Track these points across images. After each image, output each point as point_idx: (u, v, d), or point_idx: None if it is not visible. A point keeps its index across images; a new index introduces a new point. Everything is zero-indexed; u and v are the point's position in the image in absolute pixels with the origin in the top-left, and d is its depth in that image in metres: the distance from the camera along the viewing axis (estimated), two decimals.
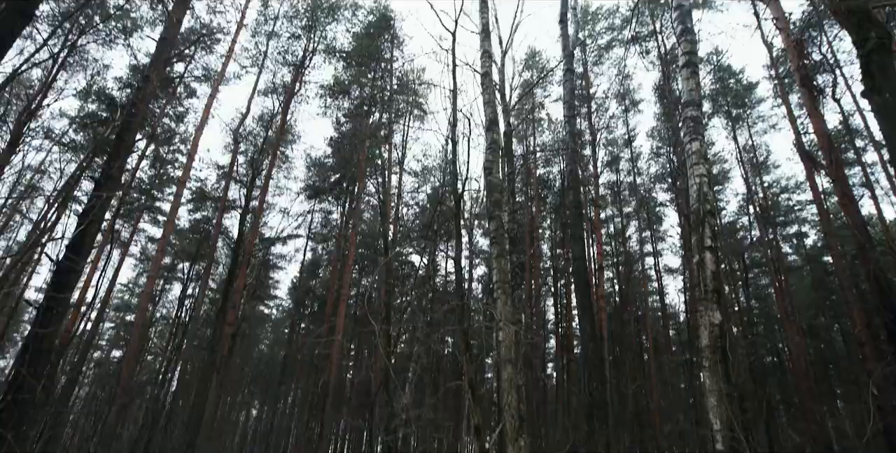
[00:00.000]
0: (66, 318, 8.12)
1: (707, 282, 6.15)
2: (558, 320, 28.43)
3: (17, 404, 5.02)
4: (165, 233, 17.39)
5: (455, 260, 7.21)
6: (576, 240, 9.52)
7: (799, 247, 30.56)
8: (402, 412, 7.95)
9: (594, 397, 8.23)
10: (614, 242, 30.23)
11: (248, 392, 36.32)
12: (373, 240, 27.83)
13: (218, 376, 17.17)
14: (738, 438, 5.07)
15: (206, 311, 26.40)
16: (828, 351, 29.49)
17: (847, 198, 10.94)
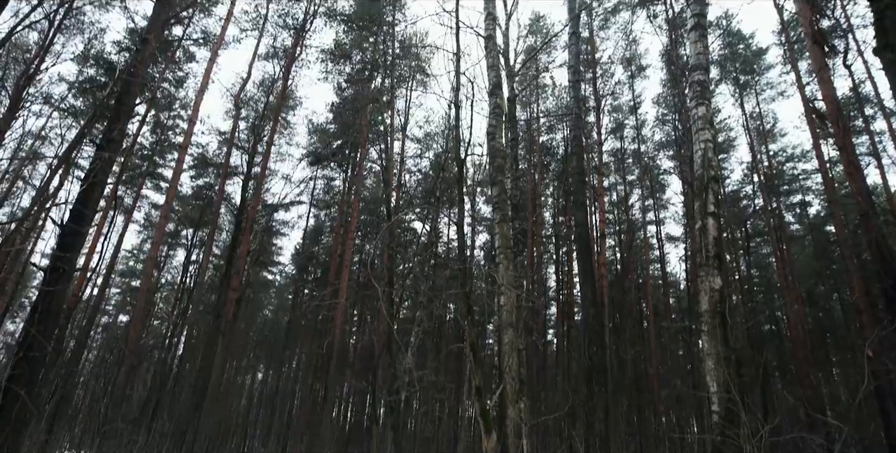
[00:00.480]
0: (72, 280, 8.21)
1: (709, 248, 6.18)
2: (559, 287, 28.66)
3: (29, 362, 5.13)
4: (168, 199, 17.40)
5: (458, 225, 7.22)
6: (578, 207, 9.51)
7: (802, 216, 30.50)
8: (405, 374, 8.10)
9: (594, 361, 8.37)
10: (617, 210, 30.19)
11: (253, 356, 36.93)
12: (375, 206, 27.84)
13: (223, 340, 17.47)
14: (734, 400, 5.17)
15: (210, 277, 26.65)
16: (826, 319, 29.75)
17: (853, 166, 10.86)
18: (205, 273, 22.81)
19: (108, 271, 22.88)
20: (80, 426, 20.45)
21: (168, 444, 16.19)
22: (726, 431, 5.20)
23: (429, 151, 28.03)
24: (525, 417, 8.15)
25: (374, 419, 15.02)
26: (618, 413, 17.78)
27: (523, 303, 6.86)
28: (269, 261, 33.02)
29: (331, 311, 19.95)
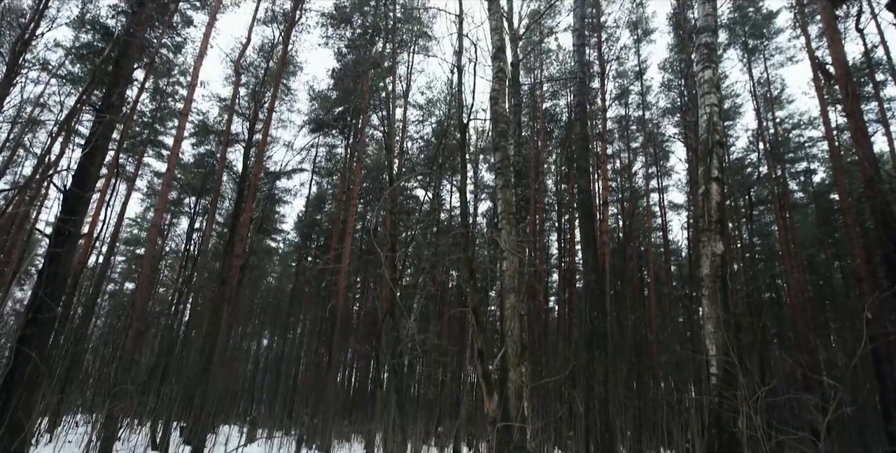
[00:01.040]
0: (78, 245, 8.27)
1: (711, 213, 6.17)
2: (561, 255, 28.79)
3: (38, 324, 5.21)
4: (170, 166, 17.33)
5: (460, 190, 7.21)
6: (581, 173, 9.47)
7: (806, 184, 30.36)
8: (408, 337, 8.23)
9: (594, 326, 8.47)
10: (620, 178, 30.08)
11: (258, 322, 37.46)
12: (377, 173, 27.77)
13: (228, 306, 17.67)
14: (732, 362, 5.24)
15: (214, 245, 26.80)
16: (826, 287, 29.92)
17: (860, 132, 10.74)
18: (208, 240, 22.91)
19: (112, 239, 23.03)
20: (90, 389, 20.88)
21: (177, 407, 16.59)
22: (724, 393, 5.29)
23: (431, 118, 27.78)
24: (526, 380, 8.30)
25: (378, 382, 15.32)
26: (617, 377, 18.07)
27: (525, 269, 6.90)
28: (272, 229, 33.14)
29: (334, 276, 20.12)
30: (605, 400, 8.16)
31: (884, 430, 14.96)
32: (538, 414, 14.97)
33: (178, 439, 17.31)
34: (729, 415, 5.15)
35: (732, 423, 5.10)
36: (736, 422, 5.01)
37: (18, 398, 5.02)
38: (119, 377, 13.60)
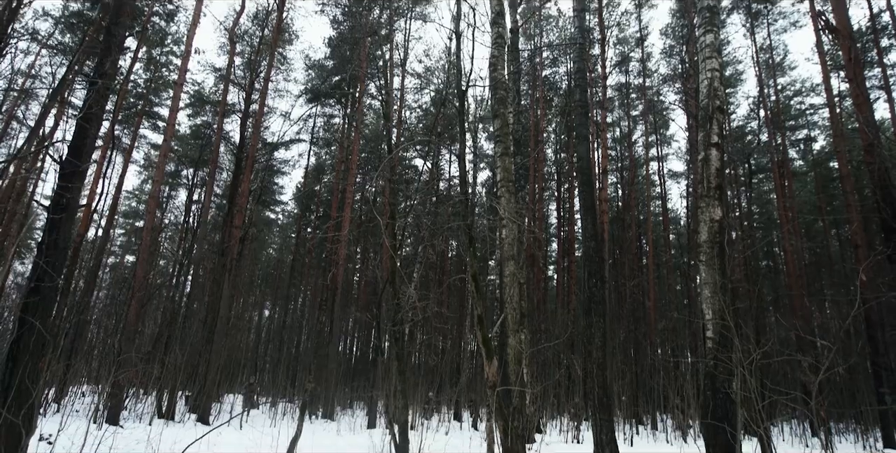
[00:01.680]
0: (77, 215, 8.26)
1: (710, 179, 6.16)
2: (560, 224, 28.85)
3: (41, 292, 5.25)
4: (167, 137, 17.19)
5: (459, 157, 7.18)
6: (581, 140, 9.41)
7: (806, 152, 30.25)
8: (408, 304, 8.31)
9: (593, 293, 8.54)
10: (619, 146, 29.93)
11: (259, 293, 37.74)
12: (376, 144, 27.59)
13: (229, 277, 17.78)
14: (727, 326, 5.30)
15: (213, 216, 26.80)
16: (823, 255, 30.10)
17: (862, 97, 10.64)
18: (207, 212, 22.91)
19: (111, 211, 23.00)
20: (95, 360, 21.19)
21: (181, 377, 16.86)
22: (719, 356, 5.37)
23: (429, 87, 27.45)
24: (525, 346, 8.43)
25: (379, 350, 15.53)
26: (615, 343, 18.34)
27: (525, 236, 6.92)
28: (271, 201, 33.10)
29: (335, 244, 20.18)
30: (602, 365, 8.30)
31: (874, 393, 15.30)
32: (537, 380, 15.23)
33: (184, 408, 17.65)
34: (724, 377, 5.24)
35: (727, 385, 5.20)
36: (731, 384, 5.10)
37: (24, 366, 5.09)
38: (123, 347, 13.77)
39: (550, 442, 13.19)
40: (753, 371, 4.86)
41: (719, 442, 5.19)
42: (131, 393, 16.14)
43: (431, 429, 16.24)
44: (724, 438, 5.11)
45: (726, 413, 5.16)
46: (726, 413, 5.16)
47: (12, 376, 5.03)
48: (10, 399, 4.78)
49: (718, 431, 5.16)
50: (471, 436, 14.62)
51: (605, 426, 8.09)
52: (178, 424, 14.60)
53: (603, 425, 8.08)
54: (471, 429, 17.92)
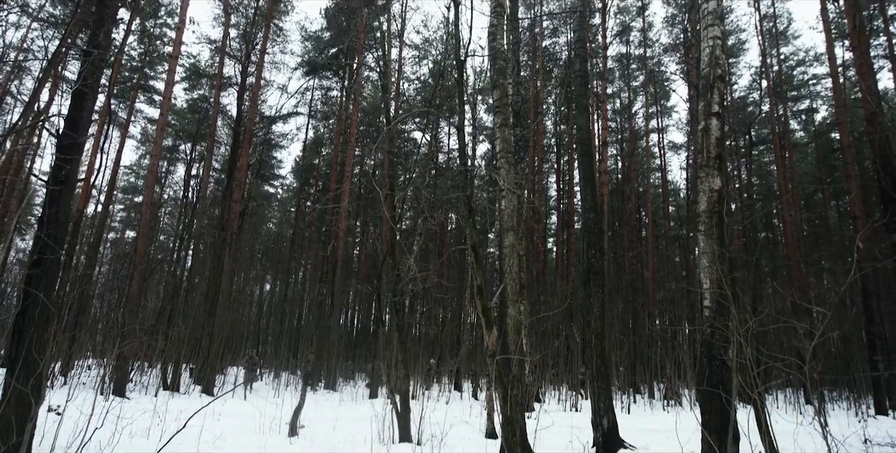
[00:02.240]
0: (76, 188, 8.25)
1: (710, 149, 6.14)
2: (560, 196, 28.83)
3: (44, 264, 5.28)
4: (163, 111, 17.04)
5: (458, 128, 7.14)
6: (581, 111, 9.33)
7: (807, 123, 30.03)
8: (408, 275, 8.37)
9: (592, 264, 8.59)
10: (620, 118, 29.71)
11: (260, 267, 37.93)
12: (374, 116, 27.36)
13: (230, 251, 17.86)
14: (725, 295, 5.35)
15: (212, 191, 26.76)
16: (821, 227, 30.16)
17: (866, 65, 10.53)
18: (206, 187, 22.88)
19: (110, 187, 22.95)
20: (100, 334, 21.42)
21: (185, 349, 17.08)
22: (716, 324, 5.43)
23: (427, 58, 27.09)
24: (524, 317, 8.54)
25: (380, 322, 15.71)
26: (613, 314, 18.53)
27: (524, 207, 6.93)
28: (269, 175, 33.00)
29: (335, 216, 20.20)
30: (601, 335, 8.39)
31: (868, 361, 15.55)
32: (537, 350, 15.44)
33: (189, 380, 17.92)
34: (720, 345, 5.31)
35: (723, 352, 5.28)
36: (727, 351, 5.18)
37: (30, 338, 5.15)
38: (127, 320, 13.92)
39: (549, 411, 13.44)
40: (749, 338, 4.92)
41: (714, 408, 5.30)
42: (136, 365, 16.38)
43: (432, 399, 16.53)
44: (719, 404, 5.22)
45: (722, 380, 5.25)
46: (722, 380, 5.25)
47: (19, 348, 5.10)
48: (17, 370, 4.84)
49: (714, 397, 5.27)
50: (471, 405, 14.89)
51: (603, 394, 8.23)
52: (183, 395, 14.86)
53: (601, 393, 8.22)
54: (471, 399, 18.23)
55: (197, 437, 6.99)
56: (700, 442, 5.33)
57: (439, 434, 7.57)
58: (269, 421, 9.16)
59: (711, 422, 5.21)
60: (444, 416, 9.03)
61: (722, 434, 5.01)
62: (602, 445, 7.98)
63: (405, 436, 8.27)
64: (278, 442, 7.79)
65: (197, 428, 7.56)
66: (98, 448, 4.91)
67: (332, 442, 7.88)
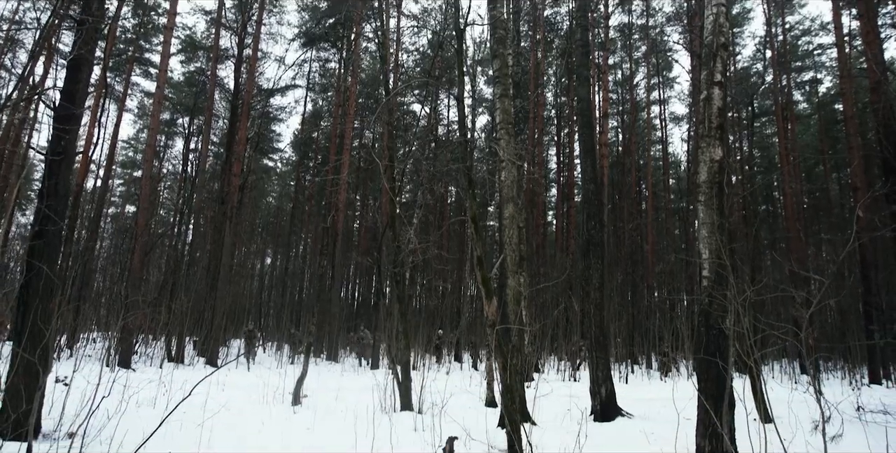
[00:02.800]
0: (75, 160, 8.22)
1: (712, 119, 6.09)
2: (560, 169, 28.74)
3: (45, 235, 5.30)
4: (159, 84, 16.85)
5: (458, 98, 7.07)
6: (581, 81, 9.23)
7: (811, 94, 29.73)
8: (407, 246, 8.40)
9: (591, 235, 8.61)
10: (621, 90, 29.39)
11: (261, 241, 38.04)
12: (373, 88, 27.08)
13: (230, 225, 17.89)
14: (723, 264, 5.37)
15: (211, 165, 26.66)
16: (822, 199, 30.11)
17: (872, 34, 10.37)
18: (205, 160, 22.77)
19: (108, 161, 22.87)
20: (104, 307, 21.62)
21: (188, 322, 17.27)
22: (714, 293, 5.48)
23: (426, 29, 26.66)
24: (524, 289, 8.60)
25: (381, 294, 15.83)
26: (612, 286, 18.65)
27: (524, 178, 6.92)
28: (268, 148, 32.82)
29: (335, 187, 20.16)
30: (600, 306, 8.47)
31: (864, 331, 15.73)
32: (536, 321, 15.60)
33: (193, 352, 18.16)
34: (718, 314, 5.37)
35: (721, 321, 5.33)
36: (724, 320, 5.24)
37: (35, 309, 5.20)
38: (129, 293, 14.03)
39: (548, 380, 13.66)
40: (747, 307, 4.97)
41: (711, 375, 5.38)
42: (140, 338, 16.57)
43: (433, 370, 16.77)
44: (716, 371, 5.30)
45: (719, 348, 5.32)
46: (719, 348, 5.32)
47: (24, 319, 5.16)
48: (24, 340, 4.91)
49: (711, 365, 5.34)
50: (471, 376, 15.13)
51: (602, 364, 8.35)
52: (187, 367, 15.08)
53: (599, 363, 8.33)
54: (471, 370, 18.50)
55: (202, 406, 7.12)
56: (696, 408, 5.44)
57: (440, 402, 7.71)
58: (273, 391, 9.31)
59: (708, 390, 5.30)
60: (444, 386, 9.19)
61: (718, 400, 5.10)
62: (600, 413, 8.13)
63: (406, 405, 8.42)
64: (282, 411, 7.94)
65: (202, 397, 7.70)
66: (106, 416, 5.01)
67: (335, 411, 8.03)
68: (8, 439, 4.50)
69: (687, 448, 5.50)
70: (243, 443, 5.61)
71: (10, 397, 4.91)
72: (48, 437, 5.03)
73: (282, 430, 6.38)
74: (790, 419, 6.84)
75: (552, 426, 7.15)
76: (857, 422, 7.06)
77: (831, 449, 3.62)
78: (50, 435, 5.12)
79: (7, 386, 5.00)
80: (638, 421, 7.81)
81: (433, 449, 5.25)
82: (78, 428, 4.57)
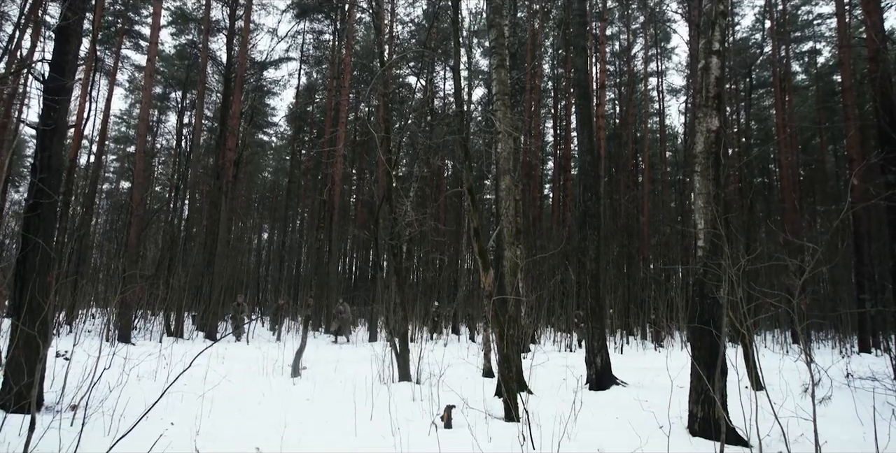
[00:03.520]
0: (67, 134, 8.14)
1: (709, 88, 6.05)
2: (557, 142, 28.60)
3: (40, 208, 5.28)
4: (150, 56, 16.57)
5: (454, 69, 6.99)
6: (578, 52, 9.11)
7: (809, 65, 29.46)
8: (404, 218, 8.41)
9: (588, 207, 8.62)
10: (618, 61, 29.07)
11: (257, 216, 37.99)
12: (368, 61, 26.72)
13: (226, 200, 17.84)
14: (718, 234, 5.40)
15: (205, 140, 26.41)
16: (818, 172, 30.10)
17: (873, 2, 10.23)
18: (199, 135, 22.53)
19: (101, 136, 22.65)
20: (101, 283, 21.68)
21: (187, 297, 17.35)
22: (709, 263, 5.52)
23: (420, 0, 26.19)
24: (521, 261, 8.64)
25: (378, 266, 15.90)
26: (608, 258, 18.76)
27: (521, 150, 6.89)
28: (263, 123, 32.51)
29: (331, 159, 20.06)
30: (596, 277, 8.53)
31: (855, 301, 15.94)
32: (533, 293, 15.72)
33: (192, 326, 18.29)
34: (712, 284, 5.42)
35: (714, 290, 5.39)
36: (718, 289, 5.29)
37: (33, 283, 5.22)
38: (127, 268, 14.06)
39: (545, 351, 13.84)
40: (741, 276, 5.01)
41: (704, 343, 5.47)
42: (139, 313, 16.66)
43: (430, 342, 16.96)
44: (709, 339, 5.38)
45: (713, 316, 5.40)
46: (713, 316, 5.40)
47: (22, 293, 5.17)
48: (23, 314, 4.93)
49: (704, 333, 5.43)
50: (468, 347, 15.31)
51: (598, 333, 8.46)
52: (186, 341, 15.21)
53: (595, 333, 8.44)
54: (468, 341, 18.72)
55: (203, 378, 7.21)
56: (689, 376, 5.54)
57: (438, 373, 7.82)
58: (272, 363, 9.42)
59: (701, 357, 5.39)
60: (442, 358, 9.30)
61: (711, 368, 5.19)
62: (595, 382, 8.27)
63: (404, 376, 8.54)
64: (282, 382, 8.05)
65: (202, 369, 7.79)
66: (107, 388, 5.07)
67: (334, 382, 8.14)
68: (11, 411, 4.55)
69: (680, 415, 5.62)
70: (244, 414, 5.70)
71: (11, 370, 4.96)
72: (51, 410, 5.09)
73: (282, 401, 6.47)
74: (781, 386, 6.97)
75: (548, 394, 7.28)
76: (845, 389, 7.20)
77: (820, 411, 3.70)
78: (52, 407, 5.18)
79: (8, 360, 5.05)
80: (632, 390, 7.96)
81: (431, 418, 5.35)
82: (80, 400, 4.64)
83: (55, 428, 3.89)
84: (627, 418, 5.78)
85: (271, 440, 4.43)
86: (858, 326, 16.14)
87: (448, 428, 5.15)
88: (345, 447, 4.50)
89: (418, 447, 4.33)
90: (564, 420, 4.98)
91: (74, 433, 3.81)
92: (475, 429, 4.87)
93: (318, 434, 4.93)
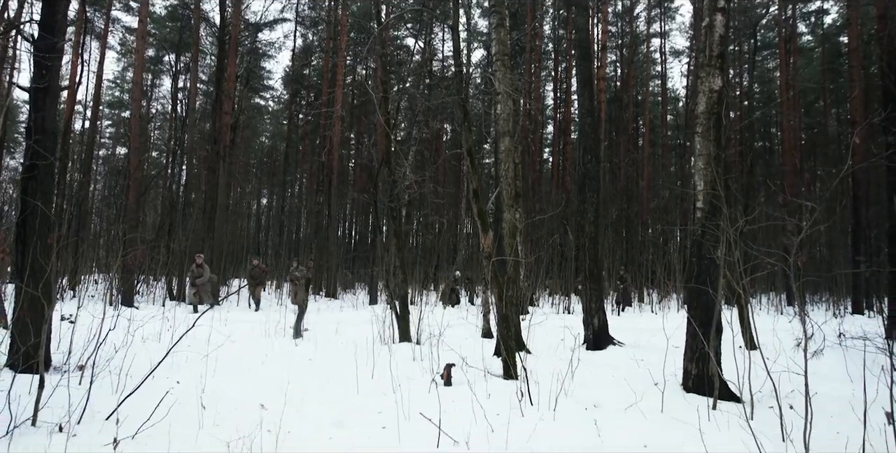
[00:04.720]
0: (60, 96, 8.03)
1: (713, 47, 5.94)
2: (557, 105, 28.27)
3: (37, 170, 5.26)
4: (141, 17, 16.21)
5: (452, 28, 6.85)
6: (580, 11, 8.91)
7: (816, 26, 28.82)
8: (403, 180, 8.39)
9: (587, 169, 8.59)
10: (620, 22, 28.45)
11: (256, 181, 37.84)
12: (365, 21, 26.15)
13: (224, 165, 17.75)
14: (718, 195, 5.39)
15: (201, 104, 26.05)
16: (820, 134, 29.83)
17: None
18: (195, 99, 22.22)
19: (95, 101, 22.34)
20: (102, 249, 21.76)
21: (187, 262, 17.43)
22: (707, 224, 5.54)
23: None
24: (520, 223, 8.67)
25: (378, 229, 15.95)
26: (607, 222, 18.81)
27: (520, 112, 6.82)
28: (259, 86, 32.02)
29: (328, 121, 19.88)
30: (594, 239, 8.58)
31: (851, 263, 16.09)
32: (531, 255, 15.81)
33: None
34: (710, 244, 5.45)
35: (712, 251, 5.42)
36: (716, 250, 5.32)
37: (34, 245, 5.24)
38: (127, 232, 14.10)
39: (544, 313, 14.02)
40: (739, 236, 5.04)
41: (700, 303, 5.54)
42: (141, 278, 16.78)
43: (429, 304, 17.15)
44: (705, 299, 5.45)
45: (710, 276, 5.45)
46: (710, 276, 5.45)
47: (24, 256, 5.20)
48: (26, 276, 4.97)
49: (701, 293, 5.49)
50: (467, 309, 15.51)
51: (595, 295, 8.56)
52: (189, 305, 15.36)
53: (593, 294, 8.54)
54: (467, 304, 18.93)
55: (207, 340, 7.33)
56: (685, 334, 5.63)
57: (437, 333, 7.94)
58: (275, 325, 9.56)
59: (697, 316, 5.47)
60: (441, 319, 9.43)
61: (706, 326, 5.27)
62: (592, 342, 8.41)
63: (405, 337, 8.68)
64: (284, 343, 8.19)
65: (206, 330, 7.91)
66: (113, 349, 5.16)
67: (335, 343, 8.28)
68: (19, 371, 4.64)
69: (675, 373, 5.74)
70: (248, 374, 5.82)
71: (18, 332, 5.03)
72: (58, 370, 5.19)
73: (285, 361, 6.60)
74: (775, 345, 7.10)
75: (546, 354, 7.42)
76: (837, 348, 7.34)
77: (811, 368, 3.79)
78: (60, 367, 5.28)
79: (14, 321, 5.12)
80: (629, 349, 8.10)
81: (431, 376, 5.46)
82: (87, 360, 4.72)
83: (63, 386, 3.97)
84: (623, 376, 5.91)
85: (275, 398, 4.53)
86: (853, 288, 16.33)
87: (448, 386, 5.27)
88: (347, 404, 4.62)
89: (419, 403, 4.43)
90: (562, 377, 5.09)
91: (83, 391, 3.90)
92: (474, 386, 4.99)
93: (320, 391, 5.05)
